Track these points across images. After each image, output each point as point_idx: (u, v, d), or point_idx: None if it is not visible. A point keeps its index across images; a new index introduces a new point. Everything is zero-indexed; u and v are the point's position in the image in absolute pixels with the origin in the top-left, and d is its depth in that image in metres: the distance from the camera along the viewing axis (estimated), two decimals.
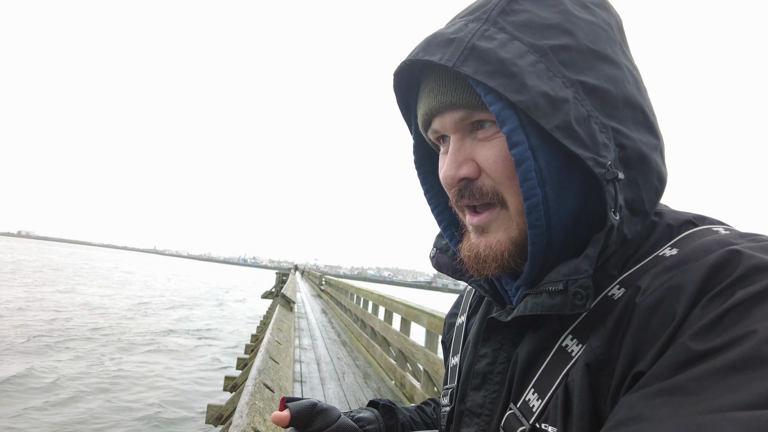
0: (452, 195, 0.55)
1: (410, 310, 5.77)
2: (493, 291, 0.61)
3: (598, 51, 0.50)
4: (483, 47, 0.48)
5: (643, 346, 0.41)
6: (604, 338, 0.44)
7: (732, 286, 0.38)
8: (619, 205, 0.46)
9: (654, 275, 0.44)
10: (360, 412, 0.75)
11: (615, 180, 0.46)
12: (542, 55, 0.48)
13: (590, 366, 0.44)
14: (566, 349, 0.48)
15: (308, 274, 44.86)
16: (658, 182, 0.52)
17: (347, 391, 5.65)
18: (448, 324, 0.80)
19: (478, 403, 0.57)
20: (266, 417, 2.50)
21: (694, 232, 0.49)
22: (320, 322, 12.35)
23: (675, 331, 0.39)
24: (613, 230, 0.46)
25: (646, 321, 0.42)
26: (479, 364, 0.58)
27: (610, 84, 0.49)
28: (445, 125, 0.54)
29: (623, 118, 0.49)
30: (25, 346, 12.65)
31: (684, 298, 0.40)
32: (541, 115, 0.45)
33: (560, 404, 0.45)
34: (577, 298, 0.45)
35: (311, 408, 0.66)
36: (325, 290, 22.10)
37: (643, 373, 0.39)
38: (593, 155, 0.46)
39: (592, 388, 0.44)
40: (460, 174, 0.53)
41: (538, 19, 0.49)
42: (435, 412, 0.83)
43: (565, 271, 0.48)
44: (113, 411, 8.69)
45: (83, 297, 25.73)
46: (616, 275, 0.49)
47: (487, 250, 0.53)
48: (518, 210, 0.51)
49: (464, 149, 0.53)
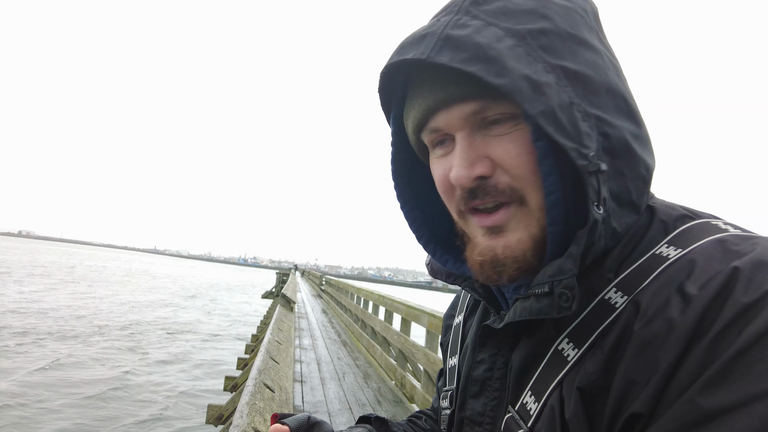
0: (459, 198, 0.51)
1: (410, 310, 5.76)
2: (488, 294, 0.59)
3: (577, 36, 0.48)
4: (457, 35, 0.46)
5: (638, 378, 0.39)
6: (599, 363, 0.43)
7: (738, 322, 0.36)
8: (602, 198, 0.44)
9: (654, 292, 0.42)
10: (351, 430, 0.69)
11: (597, 172, 0.44)
12: (521, 39, 0.45)
13: (583, 391, 0.43)
14: (562, 353, 0.47)
15: (308, 274, 44.85)
16: (645, 171, 0.49)
17: (347, 391, 5.64)
18: (446, 326, 0.78)
19: (478, 411, 0.56)
20: (266, 417, 2.50)
21: (692, 226, 0.47)
22: (320, 322, 12.34)
23: (672, 372, 0.37)
24: (597, 225, 0.44)
25: (642, 352, 0.40)
26: (477, 370, 0.57)
27: (592, 70, 0.47)
28: (452, 121, 0.49)
29: (605, 105, 0.47)
30: (25, 345, 12.67)
31: (683, 332, 0.38)
32: (525, 99, 0.43)
33: (557, 415, 0.44)
34: (563, 300, 0.44)
35: (306, 421, 0.63)
36: (325, 290, 22.10)
37: (639, 415, 0.38)
38: (576, 145, 0.44)
39: (588, 415, 0.42)
40: (475, 173, 0.48)
41: (513, 6, 0.47)
42: (427, 423, 0.80)
43: (551, 271, 0.46)
44: (113, 411, 8.68)
45: (84, 297, 25.74)
46: (612, 278, 0.47)
47: (507, 251, 0.49)
48: (540, 206, 0.48)
49: (476, 146, 0.49)
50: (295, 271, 45.90)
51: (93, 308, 21.65)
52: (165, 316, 21.95)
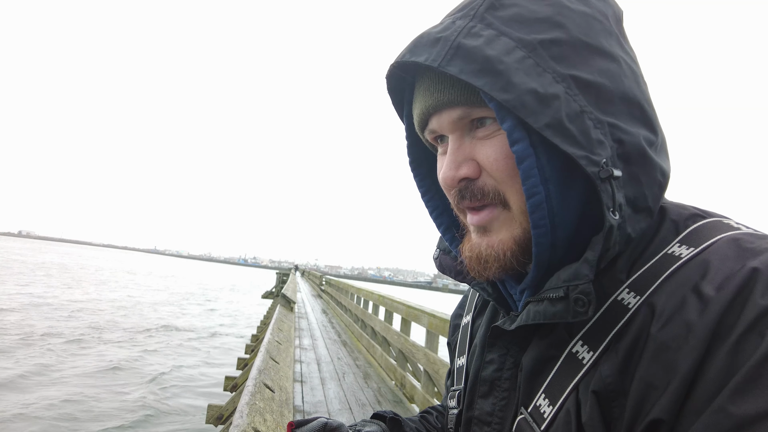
0: (452, 197, 0.54)
1: (410, 310, 5.76)
2: (497, 294, 0.60)
3: (592, 44, 0.48)
4: (469, 45, 0.46)
5: (656, 382, 0.39)
6: (615, 367, 0.42)
7: (759, 325, 0.35)
8: (618, 204, 0.44)
9: (669, 293, 0.42)
10: (365, 425, 0.72)
11: (610, 178, 0.44)
12: (531, 50, 0.46)
13: (599, 395, 0.42)
14: (577, 356, 0.46)
15: (309, 274, 44.87)
16: (662, 177, 0.49)
17: (347, 391, 5.64)
18: (453, 325, 0.78)
19: (486, 411, 0.56)
20: (266, 417, 2.50)
21: (704, 225, 0.47)
22: (320, 322, 12.34)
23: (694, 377, 0.36)
24: (613, 231, 0.44)
25: (659, 356, 0.39)
26: (486, 370, 0.57)
27: (605, 78, 0.47)
28: (443, 124, 0.52)
29: (619, 113, 0.47)
30: (24, 343, 12.66)
31: (702, 335, 0.37)
32: (529, 113, 0.43)
33: (573, 419, 0.44)
34: (579, 305, 0.43)
35: (322, 429, 0.63)
36: (325, 290, 22.10)
37: (661, 421, 0.37)
38: (586, 153, 0.44)
39: (605, 419, 0.42)
40: (460, 174, 0.51)
41: (528, 13, 0.48)
42: (438, 420, 0.81)
43: (566, 276, 0.45)
44: (113, 411, 8.68)
45: (81, 296, 25.74)
46: (624, 279, 0.47)
47: (489, 249, 0.51)
48: (521, 209, 0.49)
49: (463, 148, 0.51)
50: (295, 271, 45.89)
51: (93, 308, 21.65)
52: (165, 316, 21.95)
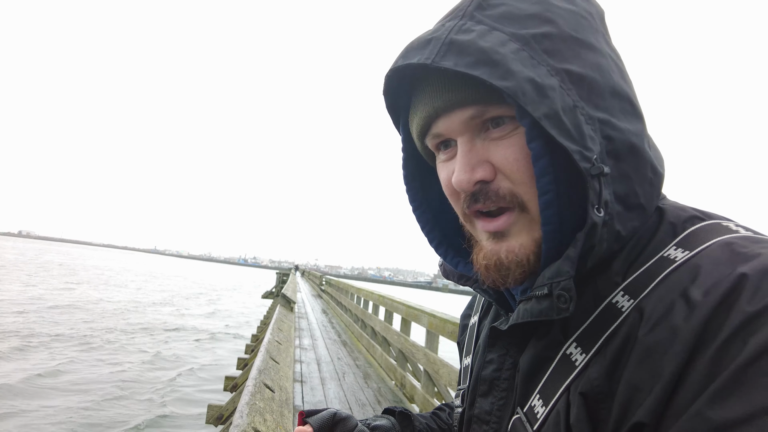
0: (462, 202, 0.52)
1: (410, 310, 5.77)
2: (498, 296, 0.60)
3: (582, 39, 0.48)
4: (461, 40, 0.46)
5: (641, 386, 0.39)
6: (602, 369, 0.42)
7: (742, 331, 0.35)
8: (603, 201, 0.44)
9: (659, 297, 0.42)
10: (376, 420, 0.73)
11: (600, 175, 0.44)
12: (524, 43, 0.46)
13: (586, 396, 0.43)
14: (570, 358, 0.47)
15: (309, 274, 44.85)
16: (653, 174, 0.49)
17: (347, 391, 5.64)
18: (462, 326, 0.78)
19: (485, 410, 0.56)
20: (266, 417, 2.50)
21: (701, 227, 0.46)
22: (320, 322, 12.34)
23: (677, 381, 0.37)
24: (597, 228, 0.44)
25: (645, 359, 0.39)
26: (486, 370, 0.57)
27: (596, 73, 0.47)
28: (452, 126, 0.50)
29: (611, 108, 0.48)
30: (25, 343, 12.67)
31: (686, 340, 0.37)
32: (529, 101, 0.43)
33: (562, 420, 0.44)
34: (561, 302, 0.44)
35: (331, 419, 0.65)
36: (325, 290, 22.10)
37: (643, 424, 0.37)
38: (579, 148, 0.44)
39: (592, 421, 0.42)
40: (475, 177, 0.49)
41: (517, 11, 0.48)
42: (450, 417, 0.81)
43: (549, 274, 0.46)
44: (113, 411, 8.69)
45: (82, 297, 25.73)
46: (619, 282, 0.46)
47: (510, 255, 0.50)
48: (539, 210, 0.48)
49: (476, 150, 0.50)
50: (295, 271, 45.87)
51: (93, 309, 21.65)
52: (165, 316, 21.95)
